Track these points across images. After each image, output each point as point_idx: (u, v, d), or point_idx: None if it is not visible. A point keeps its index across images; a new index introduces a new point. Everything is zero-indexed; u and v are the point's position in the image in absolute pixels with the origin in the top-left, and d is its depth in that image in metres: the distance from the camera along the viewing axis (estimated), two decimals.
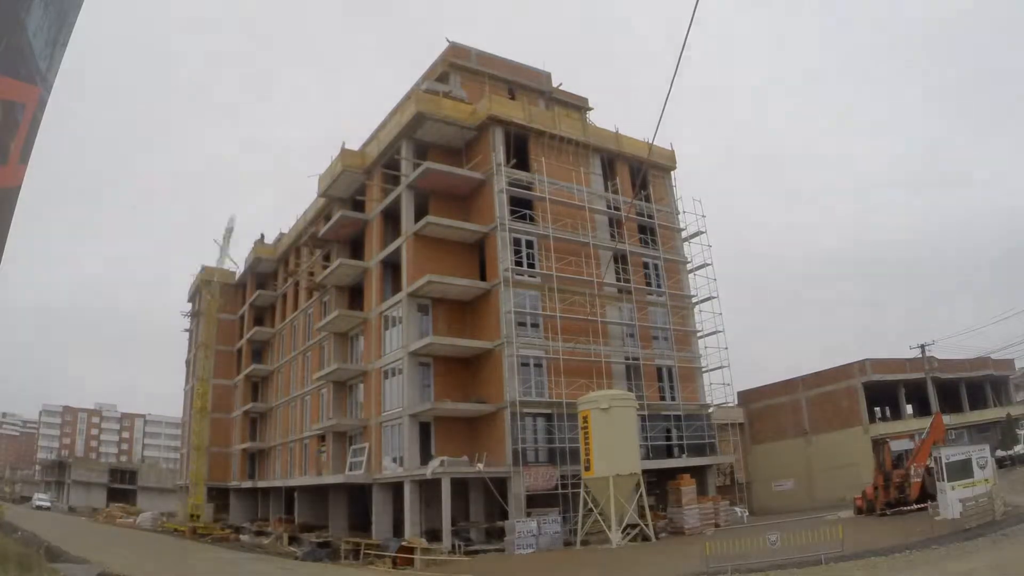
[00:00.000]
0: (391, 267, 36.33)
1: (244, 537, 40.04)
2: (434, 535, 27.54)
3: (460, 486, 29.45)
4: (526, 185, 33.96)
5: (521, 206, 33.44)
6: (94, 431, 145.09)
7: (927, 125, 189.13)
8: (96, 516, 61.47)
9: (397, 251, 34.80)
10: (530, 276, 32.61)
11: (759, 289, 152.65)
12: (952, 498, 22.21)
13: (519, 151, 34.87)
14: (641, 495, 28.49)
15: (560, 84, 41.28)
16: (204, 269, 60.54)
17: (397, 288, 34.72)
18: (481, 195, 34.14)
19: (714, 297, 38.46)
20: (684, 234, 39.73)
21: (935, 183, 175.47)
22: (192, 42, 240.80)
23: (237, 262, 58.97)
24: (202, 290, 59.60)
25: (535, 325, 32.20)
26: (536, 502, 29.14)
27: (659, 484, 33.18)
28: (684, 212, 39.73)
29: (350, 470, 34.70)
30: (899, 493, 27.18)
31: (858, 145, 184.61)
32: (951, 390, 49.39)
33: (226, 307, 58.33)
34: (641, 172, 38.48)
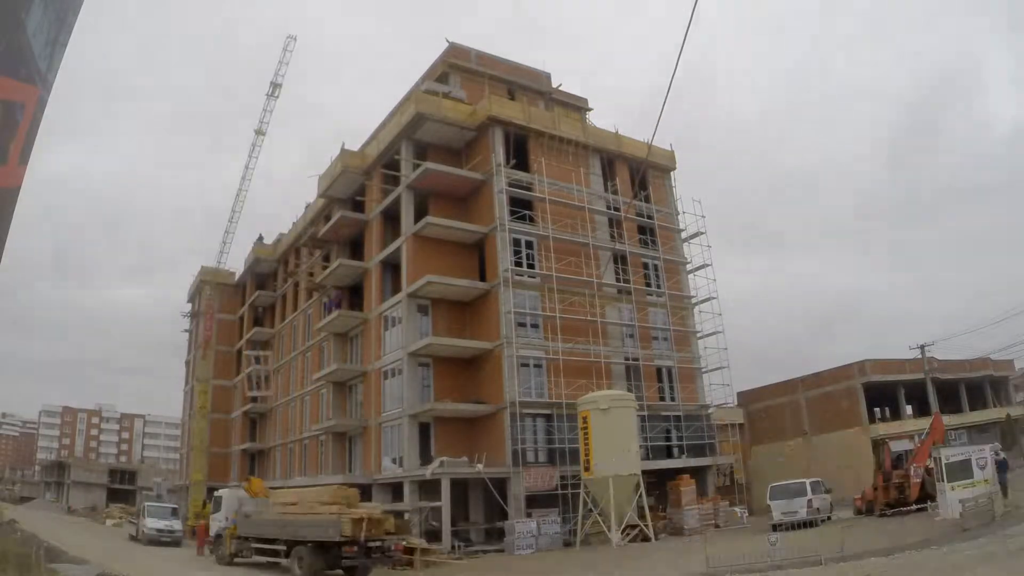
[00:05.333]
0: (391, 267, 36.34)
1: None
2: (433, 535, 27.54)
3: (460, 486, 29.44)
4: (526, 185, 33.97)
5: (521, 206, 33.45)
6: (94, 431, 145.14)
7: None
8: (95, 516, 61.38)
9: (397, 251, 34.81)
10: (530, 276, 32.61)
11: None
12: (952, 499, 22.20)
13: (519, 152, 34.90)
14: (641, 495, 28.49)
15: (560, 84, 41.38)
16: (203, 269, 60.52)
17: (397, 288, 34.73)
18: (481, 195, 34.15)
19: (714, 298, 38.53)
20: (684, 235, 39.77)
21: None
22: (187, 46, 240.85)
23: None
24: (201, 290, 59.62)
25: (535, 325, 32.21)
26: (536, 502, 29.15)
27: (659, 485, 33.14)
28: (684, 212, 39.80)
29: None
30: (899, 494, 27.17)
31: None
32: (951, 390, 49.42)
33: (225, 307, 58.32)
34: (640, 172, 38.50)
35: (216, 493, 30.58)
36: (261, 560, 22.56)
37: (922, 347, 42.06)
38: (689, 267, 39.32)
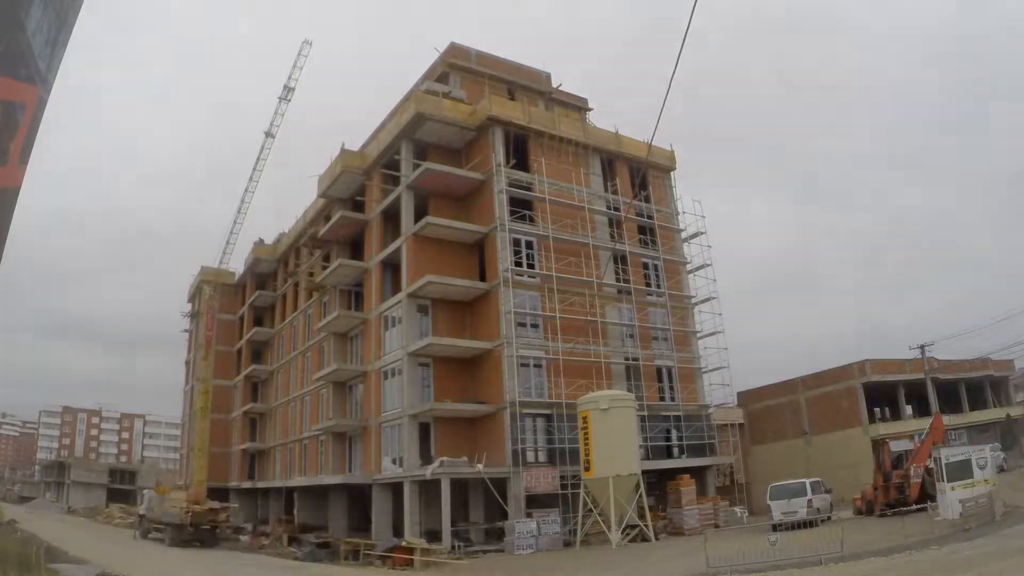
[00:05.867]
0: (391, 267, 36.35)
1: (243, 537, 39.99)
2: (434, 536, 27.54)
3: (460, 487, 29.45)
4: (526, 185, 33.97)
5: (521, 206, 33.46)
6: (93, 431, 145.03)
7: None
8: (95, 516, 61.41)
9: (397, 251, 34.81)
10: (530, 276, 32.62)
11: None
12: (952, 499, 22.21)
13: (519, 152, 34.90)
14: (641, 496, 28.51)
15: (560, 84, 41.36)
16: (203, 269, 60.51)
17: (397, 288, 34.74)
18: (481, 195, 34.15)
19: (714, 298, 38.55)
20: (684, 235, 39.78)
21: None
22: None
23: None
24: (202, 290, 59.57)
25: (535, 325, 32.21)
26: (536, 502, 29.14)
27: (659, 485, 33.18)
28: (684, 213, 39.80)
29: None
30: (899, 494, 27.16)
31: None
32: (951, 390, 49.44)
33: (226, 307, 58.28)
34: (640, 172, 38.51)
35: (143, 492, 47.27)
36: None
37: (922, 347, 41.98)
38: (689, 267, 39.33)
